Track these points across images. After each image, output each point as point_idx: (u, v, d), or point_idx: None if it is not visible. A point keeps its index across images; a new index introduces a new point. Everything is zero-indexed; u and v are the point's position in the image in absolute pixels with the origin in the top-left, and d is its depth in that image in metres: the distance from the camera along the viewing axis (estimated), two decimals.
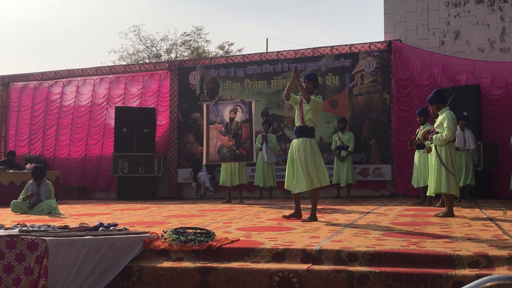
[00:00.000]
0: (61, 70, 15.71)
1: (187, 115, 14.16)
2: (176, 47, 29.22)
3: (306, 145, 6.55)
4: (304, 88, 6.62)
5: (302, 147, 6.56)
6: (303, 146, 6.56)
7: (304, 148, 6.54)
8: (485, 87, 11.40)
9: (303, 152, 6.54)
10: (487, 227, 5.55)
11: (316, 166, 6.55)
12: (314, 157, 6.56)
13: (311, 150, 6.55)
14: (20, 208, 8.86)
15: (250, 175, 12.22)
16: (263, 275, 3.98)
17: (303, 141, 6.59)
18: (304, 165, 6.52)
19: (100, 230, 4.68)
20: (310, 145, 6.57)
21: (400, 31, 12.72)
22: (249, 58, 13.86)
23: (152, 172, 13.43)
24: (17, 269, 3.94)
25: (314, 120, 6.69)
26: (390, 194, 12.19)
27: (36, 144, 15.56)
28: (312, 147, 6.59)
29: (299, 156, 6.56)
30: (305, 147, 6.54)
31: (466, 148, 9.85)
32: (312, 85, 6.76)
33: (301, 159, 6.54)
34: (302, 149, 6.56)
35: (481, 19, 12.12)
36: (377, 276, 3.76)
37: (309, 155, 6.53)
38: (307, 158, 6.52)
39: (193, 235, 4.58)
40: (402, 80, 12.15)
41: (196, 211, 8.51)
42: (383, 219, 6.66)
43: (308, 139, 6.60)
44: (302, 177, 6.55)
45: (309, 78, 6.79)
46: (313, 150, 6.57)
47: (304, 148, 6.55)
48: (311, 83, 6.76)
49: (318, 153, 6.66)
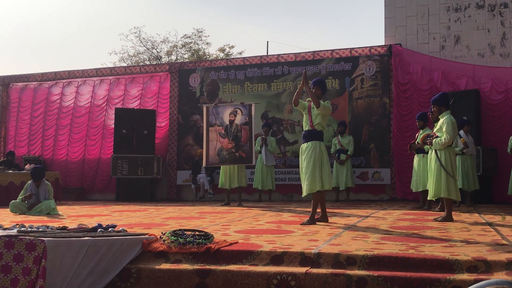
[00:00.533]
0: (62, 71, 15.72)
1: (187, 117, 14.16)
2: (176, 49, 29.21)
3: (316, 148, 6.59)
4: (313, 93, 6.65)
5: (312, 150, 6.59)
6: (312, 149, 6.60)
7: (314, 151, 6.58)
8: (485, 92, 11.42)
9: (312, 155, 6.57)
10: (486, 232, 5.55)
11: (322, 170, 6.58)
12: (322, 160, 6.60)
13: (320, 153, 6.59)
14: (19, 209, 8.86)
15: (249, 178, 12.23)
16: (261, 278, 3.97)
17: (313, 145, 6.63)
18: (309, 168, 6.54)
19: (98, 231, 4.68)
20: (319, 148, 6.61)
21: (400, 36, 12.74)
22: (249, 61, 13.87)
23: (152, 174, 13.43)
24: (15, 269, 3.94)
25: (322, 124, 6.75)
26: (389, 198, 12.19)
27: (36, 145, 15.56)
28: (321, 150, 6.63)
29: (307, 159, 6.60)
30: (314, 150, 6.58)
31: (470, 153, 9.88)
32: (320, 90, 6.82)
33: (308, 162, 6.58)
34: (311, 152, 6.59)
35: (482, 24, 12.14)
36: (375, 280, 3.76)
37: (318, 158, 6.57)
38: (315, 161, 6.55)
39: (192, 237, 4.58)
40: (402, 84, 12.16)
41: (195, 213, 8.50)
42: (382, 223, 6.66)
43: (317, 143, 6.65)
44: (304, 180, 6.58)
45: (318, 84, 6.83)
46: (321, 153, 6.62)
47: (313, 150, 6.58)
48: (320, 89, 6.82)
49: (326, 157, 6.71)
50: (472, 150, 9.95)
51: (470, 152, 9.88)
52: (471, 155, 9.96)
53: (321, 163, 6.57)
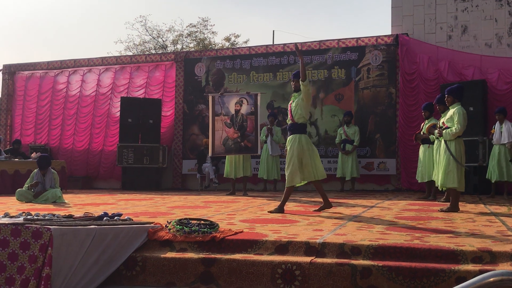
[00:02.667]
0: (67, 59, 15.74)
1: (192, 106, 14.15)
2: (182, 38, 29.18)
3: (295, 141, 6.74)
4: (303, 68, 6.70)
5: (292, 144, 6.76)
6: (292, 143, 6.76)
7: (293, 145, 6.74)
8: (491, 82, 11.34)
9: (291, 148, 6.74)
10: (491, 223, 5.54)
11: (304, 163, 6.70)
12: (304, 153, 6.69)
13: (299, 147, 6.70)
14: (25, 197, 8.91)
15: (255, 168, 12.22)
16: (266, 267, 3.99)
17: (294, 138, 6.79)
18: (289, 162, 6.74)
19: (104, 219, 4.70)
20: (299, 141, 6.72)
21: (407, 25, 12.66)
22: (255, 50, 13.83)
23: (157, 163, 13.46)
24: (21, 257, 3.96)
25: (304, 115, 6.83)
26: (395, 188, 12.18)
27: (42, 134, 15.60)
28: (302, 143, 6.72)
29: (288, 152, 6.79)
30: (294, 143, 6.74)
31: (502, 142, 9.68)
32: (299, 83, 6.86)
33: (288, 155, 6.78)
34: (291, 146, 6.77)
35: (489, 14, 12.04)
36: (380, 270, 3.77)
37: (298, 151, 6.69)
38: (294, 155, 6.69)
39: (197, 226, 4.60)
40: (409, 74, 12.10)
41: (200, 203, 8.53)
42: (387, 213, 6.66)
43: (298, 136, 6.78)
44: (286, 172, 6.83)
45: (297, 77, 6.91)
46: (300, 146, 6.71)
47: (293, 144, 6.74)
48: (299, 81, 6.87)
49: (311, 148, 6.79)
50: (505, 139, 9.57)
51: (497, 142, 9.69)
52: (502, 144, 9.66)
53: (302, 156, 6.68)
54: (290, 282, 3.91)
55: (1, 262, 3.99)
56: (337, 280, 3.82)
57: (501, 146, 9.78)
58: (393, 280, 3.72)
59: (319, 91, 12.95)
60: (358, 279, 3.78)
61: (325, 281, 3.84)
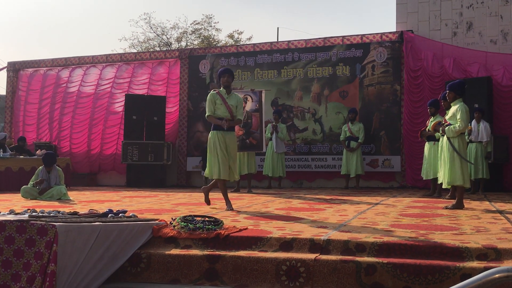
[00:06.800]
0: (72, 57, 15.75)
1: (196, 103, 14.15)
2: (186, 35, 29.17)
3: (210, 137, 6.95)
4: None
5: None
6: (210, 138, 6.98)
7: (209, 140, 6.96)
8: (497, 79, 11.30)
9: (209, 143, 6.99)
10: (496, 220, 5.53)
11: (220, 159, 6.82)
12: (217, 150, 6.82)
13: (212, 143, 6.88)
14: (30, 194, 8.93)
15: (259, 165, 12.22)
16: (271, 264, 3.99)
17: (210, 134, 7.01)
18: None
19: (109, 216, 4.71)
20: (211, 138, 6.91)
21: (412, 22, 12.62)
22: (259, 47, 13.81)
23: (162, 160, 13.47)
24: (27, 254, 3.97)
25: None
26: (399, 185, 12.16)
27: (46, 131, 15.61)
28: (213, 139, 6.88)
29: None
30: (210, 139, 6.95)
31: (479, 140, 9.84)
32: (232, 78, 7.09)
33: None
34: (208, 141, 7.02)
35: (494, 10, 11.99)
36: (385, 267, 3.76)
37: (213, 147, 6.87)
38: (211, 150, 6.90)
39: (202, 223, 4.60)
40: (413, 71, 12.07)
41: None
42: (391, 210, 6.65)
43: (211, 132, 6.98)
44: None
45: (228, 72, 7.06)
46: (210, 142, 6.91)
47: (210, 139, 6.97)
48: (231, 77, 7.07)
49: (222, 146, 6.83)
50: (483, 138, 9.88)
51: (475, 140, 9.85)
52: (479, 142, 9.92)
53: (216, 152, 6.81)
54: (294, 279, 3.91)
55: (7, 258, 4.00)
56: (341, 277, 3.82)
57: (478, 144, 9.99)
58: (397, 277, 3.71)
59: (323, 88, 12.94)
60: (362, 276, 3.78)
61: (330, 278, 3.84)
